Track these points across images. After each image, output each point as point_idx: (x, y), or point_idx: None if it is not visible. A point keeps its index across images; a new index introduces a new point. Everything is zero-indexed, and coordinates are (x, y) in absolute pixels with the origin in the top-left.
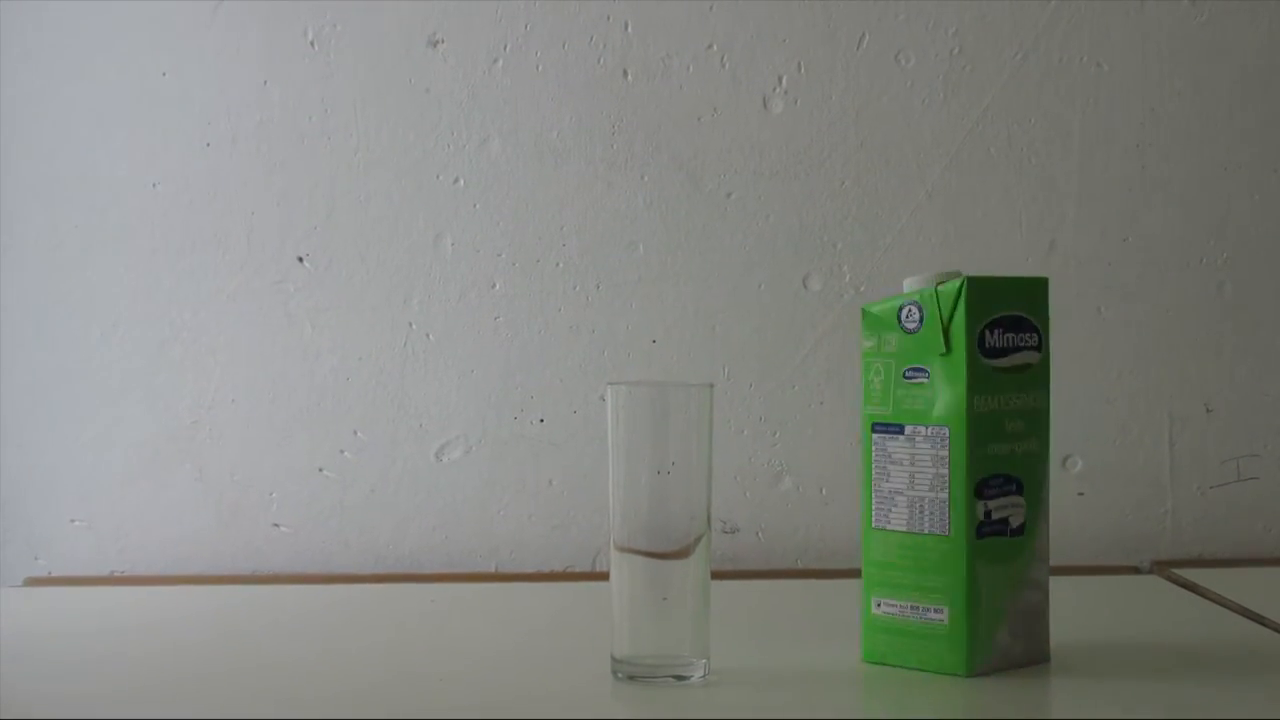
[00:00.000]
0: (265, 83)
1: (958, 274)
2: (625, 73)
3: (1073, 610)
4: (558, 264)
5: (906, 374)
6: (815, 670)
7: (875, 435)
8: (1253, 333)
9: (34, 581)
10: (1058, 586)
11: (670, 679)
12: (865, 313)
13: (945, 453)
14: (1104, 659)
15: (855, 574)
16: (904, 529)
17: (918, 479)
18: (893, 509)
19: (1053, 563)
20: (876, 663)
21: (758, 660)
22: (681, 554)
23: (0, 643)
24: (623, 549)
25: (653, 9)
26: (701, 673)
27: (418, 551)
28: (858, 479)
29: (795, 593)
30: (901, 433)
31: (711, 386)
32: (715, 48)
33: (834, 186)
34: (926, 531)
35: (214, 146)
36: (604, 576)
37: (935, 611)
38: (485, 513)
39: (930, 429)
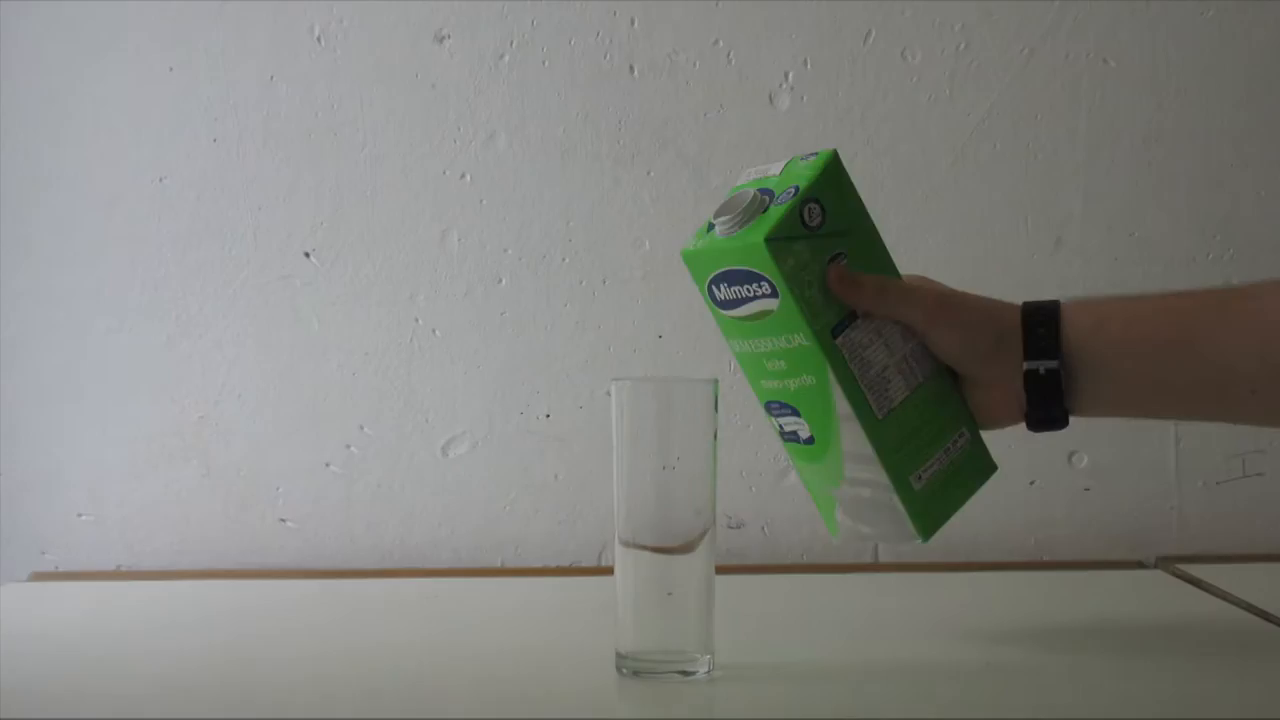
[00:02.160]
0: (272, 78)
1: (751, 196)
2: (632, 68)
3: (1078, 605)
4: (564, 259)
5: (830, 265)
6: (820, 665)
7: (839, 339)
8: None
9: (40, 576)
10: (1063, 581)
11: (675, 674)
12: (769, 243)
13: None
14: (1109, 654)
15: (859, 569)
16: (907, 393)
17: (891, 343)
18: (888, 386)
19: (1058, 558)
20: (938, 529)
21: (763, 656)
22: (686, 549)
23: (6, 637)
24: (628, 544)
25: (659, 5)
26: (706, 668)
27: (424, 546)
28: (807, 398)
29: (800, 588)
30: (857, 317)
31: (716, 381)
32: (721, 44)
33: None
34: (922, 380)
35: (220, 142)
36: (609, 571)
37: (959, 438)
38: (491, 508)
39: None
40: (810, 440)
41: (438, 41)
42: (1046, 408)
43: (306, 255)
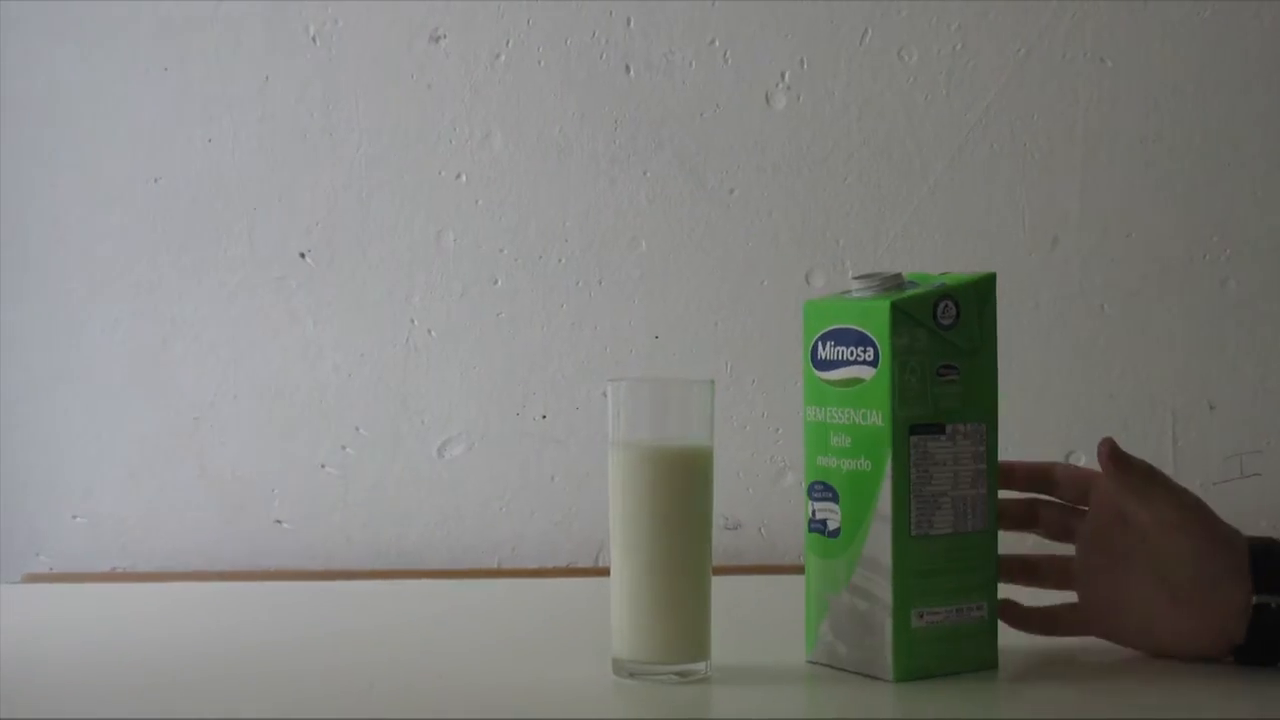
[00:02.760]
0: (267, 78)
1: (898, 275)
2: (628, 68)
3: None
4: (560, 260)
5: (940, 371)
6: (817, 667)
7: (914, 437)
8: (1256, 329)
9: (34, 578)
10: None
11: (672, 676)
12: (894, 308)
13: (984, 449)
14: (1107, 657)
15: None
16: (950, 531)
17: (961, 477)
18: (935, 512)
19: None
20: (912, 679)
21: (760, 657)
22: (683, 550)
23: (1, 639)
24: (625, 545)
25: (655, 5)
26: (703, 670)
27: (420, 548)
28: (853, 485)
29: (797, 589)
30: (943, 432)
31: (713, 383)
32: (718, 43)
33: (837, 182)
34: (970, 530)
35: (216, 142)
36: (606, 573)
37: (976, 609)
38: (487, 509)
39: (969, 426)
40: (835, 533)
41: (433, 41)
42: (1269, 645)
43: (302, 256)
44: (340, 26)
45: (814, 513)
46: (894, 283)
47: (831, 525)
